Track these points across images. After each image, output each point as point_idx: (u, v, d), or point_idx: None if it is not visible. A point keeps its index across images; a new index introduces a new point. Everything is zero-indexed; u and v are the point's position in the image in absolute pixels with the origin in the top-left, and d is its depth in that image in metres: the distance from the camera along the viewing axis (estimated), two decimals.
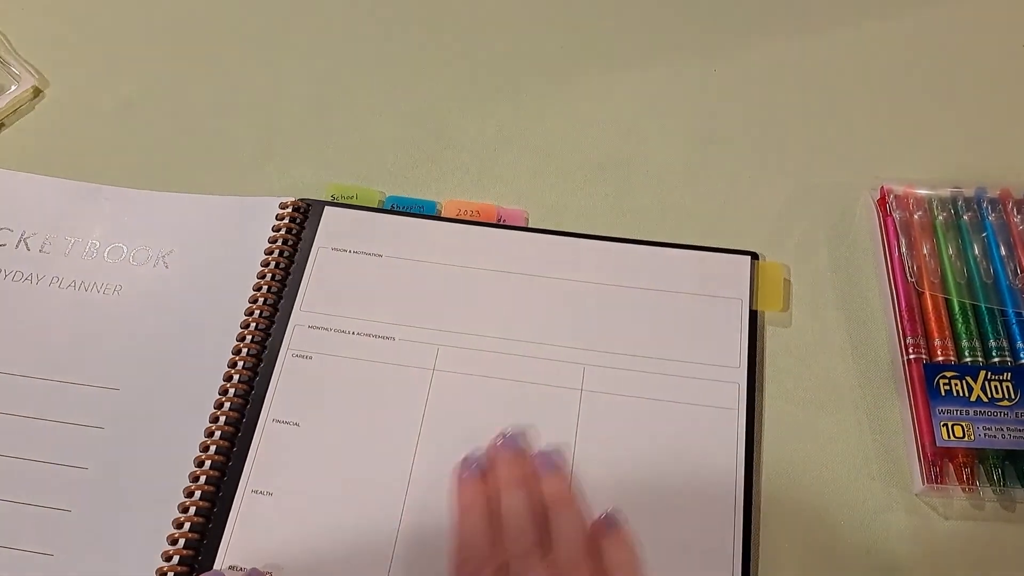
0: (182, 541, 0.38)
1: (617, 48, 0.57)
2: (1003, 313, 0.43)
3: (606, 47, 0.57)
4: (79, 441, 0.41)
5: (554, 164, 0.51)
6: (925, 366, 0.42)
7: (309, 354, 0.43)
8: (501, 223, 0.48)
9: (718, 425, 0.41)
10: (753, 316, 0.44)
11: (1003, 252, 0.45)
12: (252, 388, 0.42)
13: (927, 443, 0.40)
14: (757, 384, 0.43)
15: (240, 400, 0.42)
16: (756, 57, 0.55)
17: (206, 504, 0.39)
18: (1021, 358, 0.42)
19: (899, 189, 0.48)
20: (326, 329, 0.44)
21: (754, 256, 0.46)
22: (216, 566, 0.38)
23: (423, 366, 0.43)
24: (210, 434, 0.41)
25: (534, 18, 0.58)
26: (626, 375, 0.43)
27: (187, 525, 0.39)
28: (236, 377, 0.43)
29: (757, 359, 0.43)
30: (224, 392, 0.42)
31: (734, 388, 0.42)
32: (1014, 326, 0.43)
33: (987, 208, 0.47)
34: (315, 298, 0.45)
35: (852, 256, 0.47)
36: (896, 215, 0.47)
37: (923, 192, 0.48)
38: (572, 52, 0.57)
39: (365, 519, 0.39)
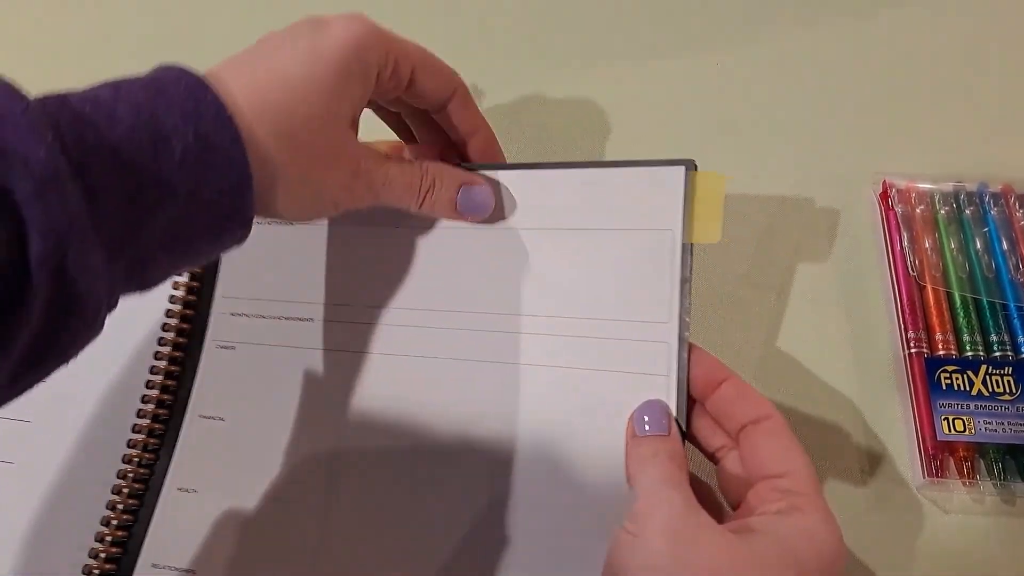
0: (109, 539, 0.37)
1: (618, 41, 0.56)
2: (1004, 307, 0.43)
3: (606, 40, 0.56)
4: (5, 435, 0.40)
5: (552, 156, 0.51)
6: (926, 360, 0.42)
7: (232, 344, 0.41)
8: None
9: (644, 396, 0.34)
10: (686, 252, 0.35)
11: (1005, 246, 0.45)
12: (179, 383, 0.40)
13: (928, 437, 0.40)
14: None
15: (167, 396, 0.40)
16: (758, 50, 0.55)
17: (134, 502, 0.38)
18: (1022, 352, 0.42)
19: (901, 183, 0.48)
20: (247, 316, 0.41)
21: (689, 166, 0.36)
22: (139, 564, 0.37)
23: (342, 348, 0.39)
24: (138, 431, 0.40)
25: (536, 9, 0.58)
26: (545, 341, 0.37)
27: (114, 523, 0.38)
28: (162, 373, 0.41)
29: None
30: (151, 387, 0.41)
31: (662, 349, 0.34)
32: (1015, 320, 0.43)
33: (989, 202, 0.46)
34: (233, 280, 0.42)
35: (853, 250, 0.47)
36: (898, 209, 0.47)
37: (925, 186, 0.47)
38: (572, 45, 0.56)
39: (290, 515, 0.37)
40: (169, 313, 0.42)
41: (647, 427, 0.33)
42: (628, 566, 0.29)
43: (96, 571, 0.37)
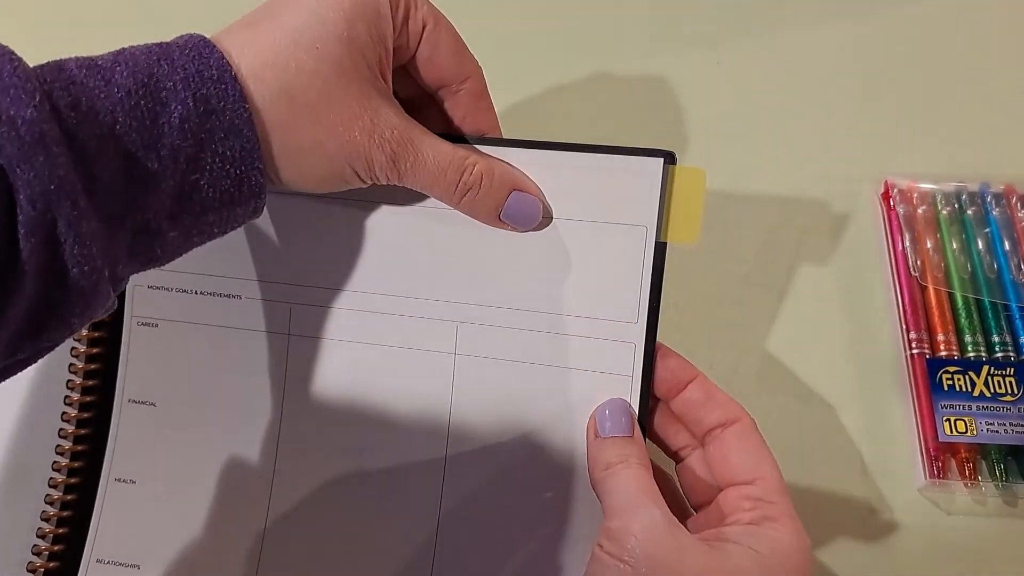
0: (51, 535, 0.37)
1: (618, 40, 0.56)
2: (1006, 308, 0.43)
3: (607, 39, 0.56)
4: None
5: None
6: (928, 361, 0.42)
7: (155, 321, 0.37)
8: None
9: (608, 396, 0.33)
10: (660, 251, 0.34)
11: (1007, 247, 0.45)
12: (105, 365, 0.38)
13: (929, 438, 0.40)
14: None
15: (92, 380, 0.38)
16: (759, 49, 0.55)
17: (72, 496, 0.37)
18: None
19: (903, 183, 0.48)
20: (167, 289, 0.37)
21: (668, 159, 0.34)
22: (84, 560, 0.36)
23: (276, 330, 0.36)
24: (67, 420, 0.38)
25: (534, 8, 0.58)
26: (506, 334, 0.35)
27: (54, 518, 0.37)
28: (82, 356, 0.38)
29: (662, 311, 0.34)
30: (73, 371, 0.38)
31: (628, 350, 0.33)
32: (1017, 321, 0.43)
33: (991, 203, 0.46)
34: None
35: (855, 250, 0.47)
36: (900, 209, 0.47)
37: (927, 186, 0.47)
38: (571, 44, 0.56)
39: (232, 502, 0.36)
40: None
41: (609, 427, 0.32)
42: None
43: (41, 569, 0.36)
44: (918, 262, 0.45)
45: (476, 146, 0.35)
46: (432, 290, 0.35)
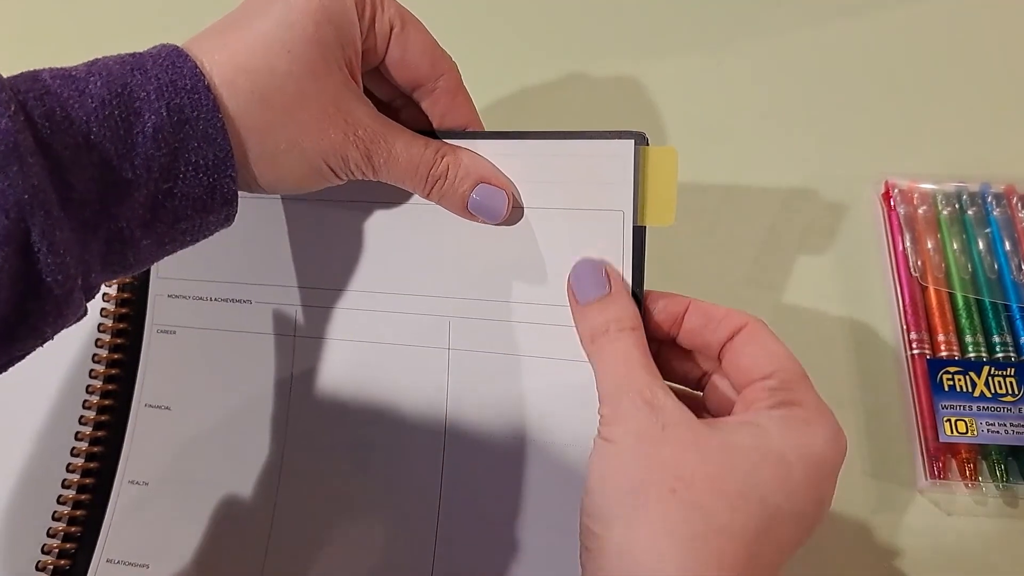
0: (61, 534, 0.37)
1: (619, 39, 0.56)
2: (1007, 308, 0.43)
3: (607, 39, 0.56)
4: None
5: None
6: (928, 361, 0.42)
7: (173, 328, 0.39)
8: None
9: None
10: (638, 235, 0.33)
11: (1008, 247, 0.45)
12: (124, 371, 0.39)
13: (930, 438, 0.40)
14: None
15: (112, 385, 0.39)
16: (760, 50, 0.55)
17: (85, 496, 0.38)
18: None
19: (903, 183, 0.48)
20: (185, 297, 0.39)
21: (639, 140, 0.33)
22: (94, 560, 0.37)
23: (283, 332, 0.38)
24: (84, 423, 0.39)
25: (535, 7, 0.58)
26: (494, 327, 0.35)
27: (66, 518, 0.38)
28: (104, 362, 0.40)
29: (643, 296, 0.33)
30: (94, 376, 0.40)
31: None
32: (1018, 321, 0.43)
33: (992, 203, 0.46)
34: (168, 259, 0.36)
35: (855, 251, 0.47)
36: (900, 210, 0.47)
37: (927, 187, 0.47)
38: (572, 44, 0.56)
39: (241, 504, 0.37)
40: (105, 297, 0.40)
41: (586, 290, 0.31)
42: (603, 472, 0.28)
43: (50, 566, 0.37)
44: (919, 262, 0.45)
45: (451, 140, 0.35)
46: (424, 286, 0.36)
